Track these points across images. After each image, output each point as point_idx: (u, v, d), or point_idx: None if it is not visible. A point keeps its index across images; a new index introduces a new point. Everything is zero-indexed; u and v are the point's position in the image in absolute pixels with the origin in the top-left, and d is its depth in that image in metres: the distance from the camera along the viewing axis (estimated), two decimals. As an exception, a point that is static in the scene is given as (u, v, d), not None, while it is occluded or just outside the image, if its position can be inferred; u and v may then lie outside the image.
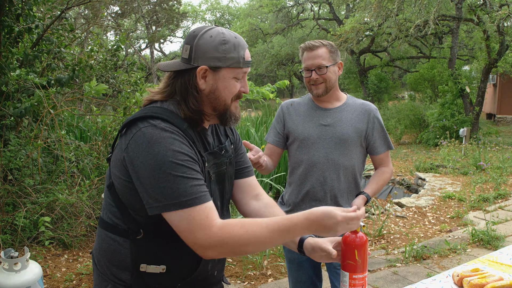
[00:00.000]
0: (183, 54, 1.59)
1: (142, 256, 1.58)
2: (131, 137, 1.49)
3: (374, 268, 4.64)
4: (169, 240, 1.57)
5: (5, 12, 5.15)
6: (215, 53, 1.54)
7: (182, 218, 1.44)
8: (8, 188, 4.83)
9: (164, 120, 1.50)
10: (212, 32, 1.56)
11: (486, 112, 22.25)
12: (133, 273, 1.59)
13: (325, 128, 2.45)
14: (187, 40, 1.59)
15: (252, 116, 14.58)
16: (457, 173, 10.04)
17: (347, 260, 1.92)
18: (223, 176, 1.72)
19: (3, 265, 3.01)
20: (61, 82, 5.20)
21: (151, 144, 1.45)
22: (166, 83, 1.64)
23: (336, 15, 24.70)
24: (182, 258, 1.61)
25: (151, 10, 28.10)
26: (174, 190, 1.43)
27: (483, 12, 13.77)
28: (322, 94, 2.44)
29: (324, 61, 2.39)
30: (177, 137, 1.48)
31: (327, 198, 2.44)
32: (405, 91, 32.24)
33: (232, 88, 1.61)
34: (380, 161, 2.59)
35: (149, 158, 1.44)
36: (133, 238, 1.57)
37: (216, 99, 1.60)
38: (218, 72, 1.57)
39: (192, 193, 1.45)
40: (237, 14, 39.00)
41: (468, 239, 5.42)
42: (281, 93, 36.92)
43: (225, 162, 1.72)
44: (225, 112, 1.63)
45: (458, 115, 15.03)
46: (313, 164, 2.44)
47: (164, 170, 1.44)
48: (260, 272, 4.47)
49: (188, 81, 1.57)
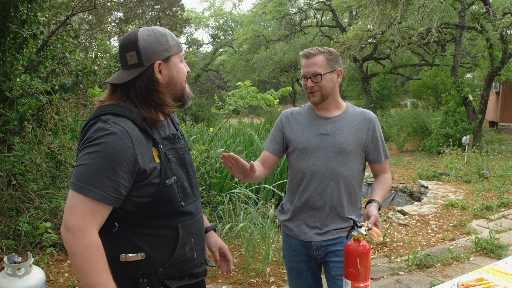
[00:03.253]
0: (130, 61, 1.70)
1: (120, 247, 1.67)
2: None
3: (377, 276, 4.63)
4: (143, 228, 1.68)
5: (10, 18, 5.18)
6: (161, 46, 1.71)
7: (74, 199, 1.55)
8: (11, 193, 4.84)
9: (115, 115, 1.63)
10: (145, 32, 1.71)
11: (488, 120, 22.21)
12: (114, 266, 1.66)
13: (325, 137, 2.43)
14: (127, 48, 1.70)
15: (254, 122, 14.59)
16: (460, 181, 10.01)
17: (349, 268, 1.92)
18: (183, 160, 1.84)
19: (6, 270, 3.01)
20: (65, 88, 5.22)
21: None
22: (111, 91, 1.76)
23: (339, 23, 24.75)
24: (158, 244, 1.71)
25: (154, 17, 28.21)
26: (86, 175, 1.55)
27: (486, 20, 13.77)
28: (318, 102, 2.43)
29: (319, 69, 2.37)
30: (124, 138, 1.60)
31: (326, 207, 2.43)
32: (407, 98, 32.26)
33: (183, 71, 1.80)
34: (381, 169, 2.60)
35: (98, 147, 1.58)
36: (109, 231, 1.66)
37: (174, 85, 1.77)
38: (169, 62, 1.74)
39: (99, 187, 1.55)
40: (240, 20, 39.09)
41: (471, 248, 5.40)
42: (283, 100, 36.96)
43: (181, 148, 1.85)
44: (183, 94, 1.81)
45: (461, 123, 15.01)
46: (312, 173, 2.42)
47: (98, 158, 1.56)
48: (262, 279, 4.46)
49: (147, 80, 1.70)
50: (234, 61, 32.64)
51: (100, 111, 1.66)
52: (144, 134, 1.67)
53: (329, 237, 2.44)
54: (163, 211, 1.70)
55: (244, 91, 5.76)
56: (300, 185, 2.48)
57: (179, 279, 1.79)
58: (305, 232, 2.47)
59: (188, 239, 1.78)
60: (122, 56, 1.72)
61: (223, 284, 4.37)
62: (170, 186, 1.70)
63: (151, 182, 1.65)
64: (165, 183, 1.68)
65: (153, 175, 1.65)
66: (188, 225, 1.78)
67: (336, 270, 2.44)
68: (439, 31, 13.58)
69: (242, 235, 5.02)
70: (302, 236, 2.48)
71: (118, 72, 1.75)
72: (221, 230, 5.21)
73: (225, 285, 4.36)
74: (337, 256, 2.44)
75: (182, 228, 1.75)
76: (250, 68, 30.48)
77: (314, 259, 2.52)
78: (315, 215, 2.45)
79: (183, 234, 1.76)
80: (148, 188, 1.65)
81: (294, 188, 2.53)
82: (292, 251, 2.55)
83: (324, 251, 2.47)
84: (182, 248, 1.76)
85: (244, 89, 5.78)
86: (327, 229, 2.44)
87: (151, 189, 1.65)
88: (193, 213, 1.82)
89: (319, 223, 2.45)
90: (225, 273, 2.26)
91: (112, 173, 1.55)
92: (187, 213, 1.78)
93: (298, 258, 2.54)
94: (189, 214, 1.79)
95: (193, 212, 1.81)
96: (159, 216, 1.70)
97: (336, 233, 2.45)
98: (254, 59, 28.63)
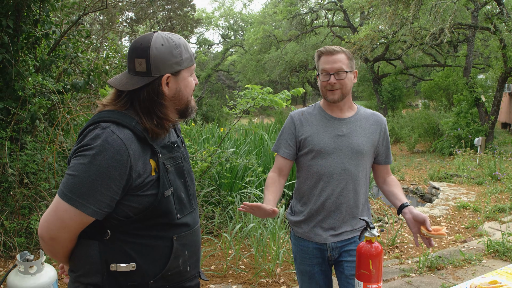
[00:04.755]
0: (138, 68, 1.62)
1: (111, 255, 1.62)
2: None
3: (387, 278, 4.59)
4: (136, 238, 1.63)
5: (23, 18, 5.23)
6: (173, 59, 1.62)
7: (66, 213, 1.54)
8: (24, 192, 4.88)
9: (116, 123, 1.58)
10: (159, 40, 1.61)
11: (501, 122, 21.98)
12: (103, 274, 1.62)
13: (341, 138, 2.41)
14: (137, 54, 1.62)
15: (264, 123, 14.58)
16: (472, 183, 9.93)
17: (362, 270, 1.91)
18: (181, 169, 1.78)
19: (19, 268, 3.03)
20: (77, 87, 5.25)
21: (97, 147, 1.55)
22: (116, 95, 1.69)
23: (351, 23, 24.65)
24: (151, 255, 1.66)
25: (165, 16, 28.28)
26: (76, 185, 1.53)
27: (500, 21, 13.65)
28: (337, 100, 2.41)
29: (344, 66, 2.36)
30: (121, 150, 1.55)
31: (342, 208, 2.41)
32: (419, 99, 32.04)
33: (191, 85, 1.72)
34: (387, 171, 2.59)
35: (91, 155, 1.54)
36: (101, 239, 1.62)
37: (180, 100, 1.70)
38: (178, 75, 1.66)
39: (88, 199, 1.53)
40: (250, 21, 39.06)
41: (483, 250, 5.34)
42: (294, 100, 36.83)
43: (180, 157, 1.79)
44: (187, 108, 1.75)
45: (473, 124, 14.89)
46: (330, 175, 2.40)
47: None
48: (273, 280, 4.45)
49: (152, 92, 1.63)
50: (244, 61, 32.58)
51: (100, 117, 1.60)
52: (142, 144, 1.61)
53: (344, 238, 2.43)
54: (158, 222, 1.65)
55: (254, 92, 5.76)
56: (316, 187, 2.45)
57: None
58: (320, 234, 2.44)
59: (182, 251, 1.73)
60: (131, 60, 1.64)
61: (233, 284, 4.37)
62: (167, 198, 1.65)
63: (147, 193, 1.60)
64: (163, 195, 1.63)
65: (149, 186, 1.61)
66: (183, 237, 1.73)
67: (350, 270, 2.41)
68: (452, 32, 13.48)
69: (253, 235, 5.01)
70: (317, 238, 2.45)
71: (123, 75, 1.67)
72: (231, 230, 5.21)
73: (235, 285, 4.36)
74: (351, 256, 2.42)
75: (177, 240, 1.70)
76: (260, 68, 30.42)
77: (328, 261, 2.50)
78: (331, 216, 2.43)
79: (177, 246, 1.70)
80: (144, 198, 1.60)
81: (308, 190, 2.49)
82: (305, 254, 2.52)
83: (338, 251, 2.45)
84: (175, 261, 1.71)
85: (254, 91, 5.77)
86: (342, 230, 2.43)
87: (146, 200, 1.60)
88: (190, 225, 1.76)
89: (335, 225, 2.43)
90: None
91: (106, 188, 1.51)
92: (184, 224, 1.73)
93: (311, 261, 2.51)
94: (186, 225, 1.74)
95: (189, 223, 1.76)
96: (153, 226, 1.65)
97: (350, 233, 2.44)
98: (264, 59, 28.56)
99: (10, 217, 4.83)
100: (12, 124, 5.00)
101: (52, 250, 1.63)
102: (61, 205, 1.52)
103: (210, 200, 6.09)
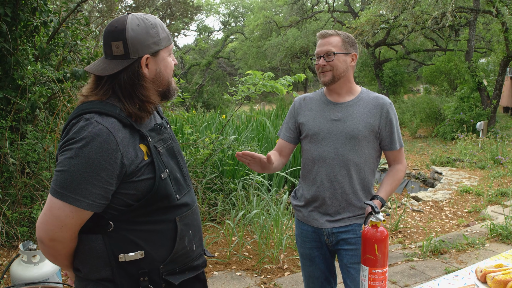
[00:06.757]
0: (116, 52, 1.58)
1: (118, 246, 1.60)
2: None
3: (391, 263, 4.60)
4: (140, 225, 1.62)
5: (21, 6, 5.17)
6: (150, 39, 1.59)
7: (61, 211, 1.50)
8: (25, 181, 4.87)
9: (99, 113, 1.54)
10: (135, 21, 1.59)
11: (503, 106, 21.89)
12: (113, 267, 1.60)
13: (336, 123, 2.39)
14: (113, 37, 1.58)
15: (266, 109, 14.55)
16: (474, 167, 9.91)
17: (367, 255, 1.89)
18: (172, 150, 1.77)
19: (22, 257, 3.03)
20: (77, 76, 5.21)
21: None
22: (95, 83, 1.64)
23: (351, 8, 24.46)
24: (157, 239, 1.65)
25: (165, 3, 28.10)
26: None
27: (502, 4, 13.52)
28: (329, 82, 2.39)
29: (333, 48, 2.35)
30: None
31: (337, 194, 2.39)
32: (420, 84, 31.90)
33: (170, 65, 1.70)
34: (394, 157, 2.50)
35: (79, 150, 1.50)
36: (105, 231, 1.59)
37: (161, 81, 1.67)
38: (157, 56, 1.63)
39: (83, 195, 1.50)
40: (251, 7, 38.80)
41: (486, 234, 5.34)
42: (295, 86, 36.76)
43: (169, 138, 1.78)
44: (168, 89, 1.72)
45: (475, 109, 14.83)
46: (322, 159, 2.39)
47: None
48: (276, 266, 4.45)
49: (133, 74, 1.60)
50: (245, 48, 32.42)
51: (82, 109, 1.56)
52: (130, 130, 1.58)
53: (340, 224, 2.41)
54: (159, 206, 1.64)
55: (256, 78, 5.72)
56: (311, 172, 2.46)
57: (181, 273, 1.74)
58: (316, 218, 2.45)
59: (187, 231, 1.73)
60: (107, 44, 1.59)
61: (237, 271, 4.37)
62: (165, 180, 1.64)
63: (143, 177, 1.58)
64: (160, 178, 1.62)
65: (144, 170, 1.58)
66: (185, 217, 1.73)
67: (349, 258, 2.41)
68: (454, 15, 13.36)
69: (256, 222, 5.01)
70: (314, 222, 2.46)
71: (100, 61, 1.62)
72: (234, 217, 5.21)
73: (239, 271, 4.36)
74: (349, 244, 2.41)
75: (180, 220, 1.70)
76: (261, 55, 30.28)
77: (326, 246, 2.50)
78: (326, 202, 2.42)
79: (181, 227, 1.70)
80: (140, 184, 1.58)
81: (306, 174, 2.51)
82: (304, 237, 2.54)
83: (336, 238, 2.44)
84: (181, 242, 1.71)
85: (255, 77, 5.73)
86: (339, 217, 2.41)
87: (143, 185, 1.59)
88: (189, 204, 1.76)
89: (331, 211, 2.42)
90: None
91: (97, 180, 1.48)
92: (184, 205, 1.73)
93: (310, 245, 2.52)
94: (185, 205, 1.74)
95: (189, 203, 1.76)
96: (155, 211, 1.64)
97: (348, 220, 2.42)
98: (265, 45, 28.41)
99: (12, 207, 4.83)
100: (12, 113, 4.97)
101: (53, 253, 1.59)
102: (55, 203, 1.49)
103: (212, 187, 6.08)
